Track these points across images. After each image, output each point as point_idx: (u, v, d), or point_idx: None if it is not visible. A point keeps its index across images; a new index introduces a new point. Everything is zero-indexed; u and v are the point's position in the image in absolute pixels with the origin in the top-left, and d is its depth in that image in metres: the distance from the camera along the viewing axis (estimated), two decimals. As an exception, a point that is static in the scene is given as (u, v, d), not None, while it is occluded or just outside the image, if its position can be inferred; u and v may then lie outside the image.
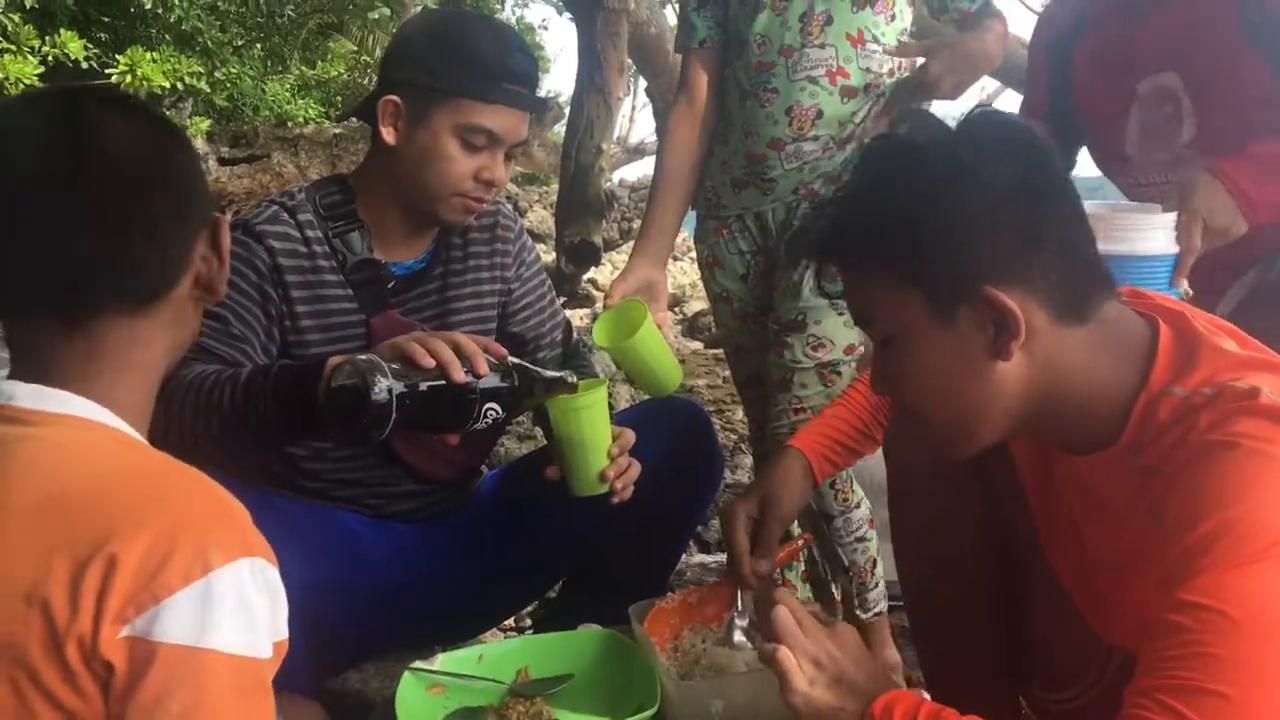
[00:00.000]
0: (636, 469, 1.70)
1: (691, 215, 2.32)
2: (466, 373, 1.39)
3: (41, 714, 0.84)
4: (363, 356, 1.35)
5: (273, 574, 0.92)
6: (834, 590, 2.26)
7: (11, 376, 0.98)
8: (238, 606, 0.87)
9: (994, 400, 1.15)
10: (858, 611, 2.19)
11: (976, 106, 1.22)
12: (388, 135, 1.68)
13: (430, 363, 1.37)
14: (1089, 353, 1.13)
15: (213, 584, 0.85)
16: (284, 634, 0.94)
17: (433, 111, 1.66)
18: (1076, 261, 1.14)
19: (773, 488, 1.59)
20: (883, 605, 2.18)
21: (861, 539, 2.17)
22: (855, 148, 2.06)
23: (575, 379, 1.60)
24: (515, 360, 1.49)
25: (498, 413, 1.46)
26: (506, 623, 2.27)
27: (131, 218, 0.99)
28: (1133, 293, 1.23)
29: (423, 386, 1.35)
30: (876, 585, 2.17)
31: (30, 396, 0.95)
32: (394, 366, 1.34)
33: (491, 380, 1.42)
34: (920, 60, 2.00)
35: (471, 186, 1.70)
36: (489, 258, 1.89)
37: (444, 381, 1.37)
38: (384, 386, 1.30)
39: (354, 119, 1.93)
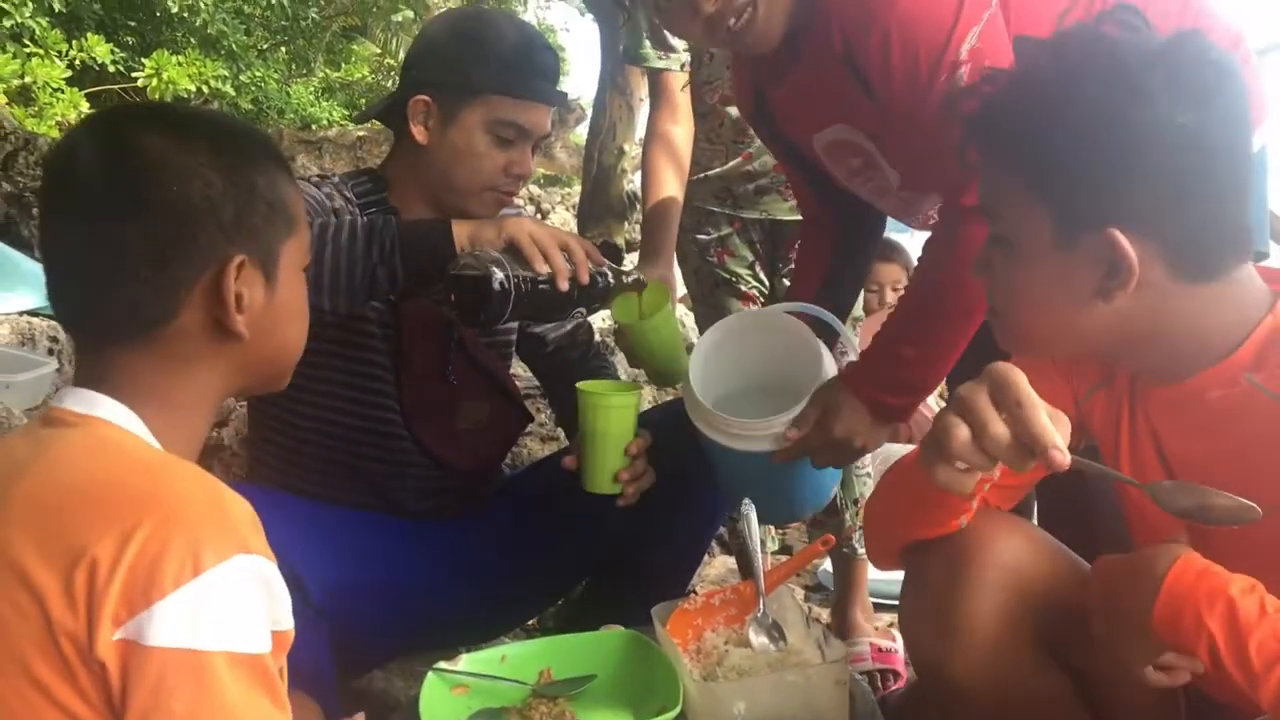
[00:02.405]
0: (650, 478, 1.72)
1: None
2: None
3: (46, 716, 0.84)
4: (482, 250, 1.47)
5: (269, 569, 0.91)
6: (846, 518, 2.36)
7: (74, 381, 1.02)
8: (232, 605, 0.86)
9: (1084, 328, 1.14)
10: (856, 544, 2.32)
11: (1193, 30, 1.12)
12: (419, 134, 1.71)
13: (543, 269, 1.48)
14: (1201, 308, 1.11)
15: (204, 585, 0.84)
16: (286, 625, 0.93)
17: (464, 109, 1.69)
18: (1220, 222, 1.09)
19: None
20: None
21: (870, 475, 2.34)
22: None
23: (644, 279, 1.71)
24: (595, 266, 1.58)
25: (583, 315, 1.54)
26: (529, 623, 2.27)
27: (93, 252, 0.99)
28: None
29: (532, 283, 1.48)
30: None
31: (74, 399, 0.99)
32: (505, 257, 1.46)
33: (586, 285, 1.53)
34: None
35: (503, 180, 1.74)
36: None
37: (549, 284, 1.49)
38: (499, 281, 1.44)
39: (375, 121, 1.97)
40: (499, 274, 1.43)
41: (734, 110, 2.34)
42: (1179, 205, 1.07)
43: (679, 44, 2.29)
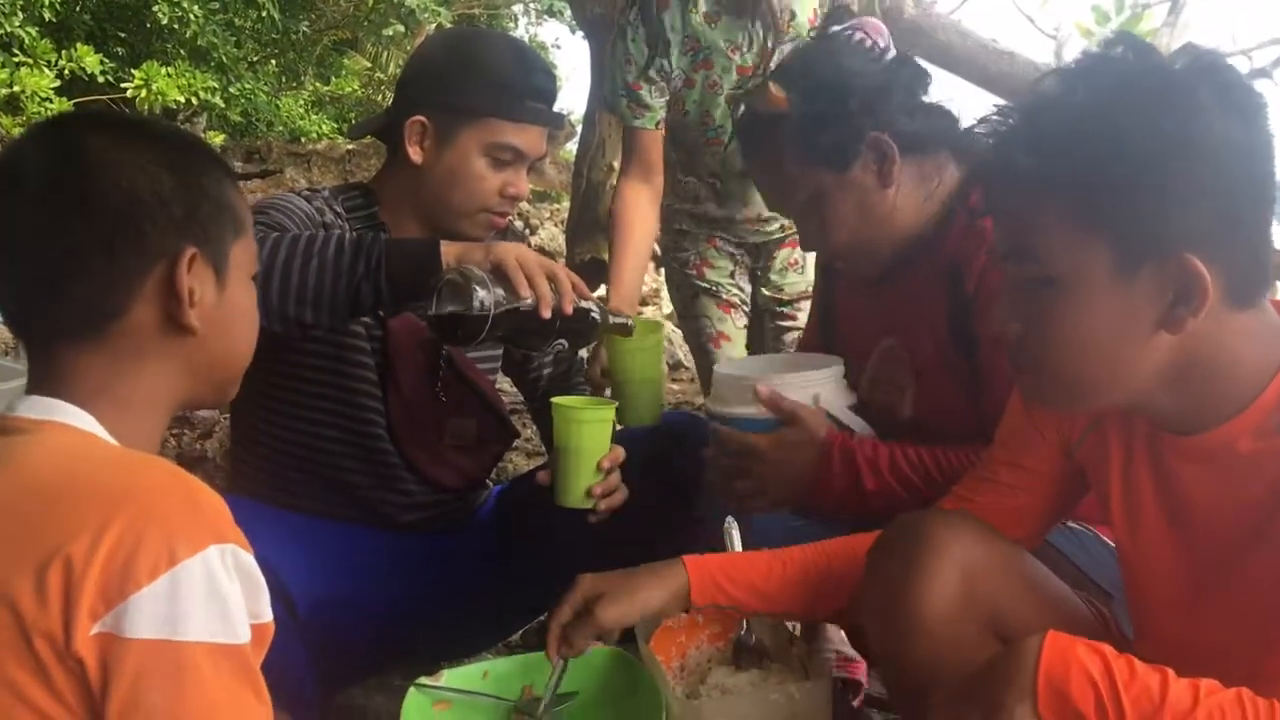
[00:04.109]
0: (623, 495, 1.71)
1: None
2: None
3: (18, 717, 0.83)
4: (466, 268, 1.43)
5: (247, 559, 0.91)
6: None
7: (27, 390, 1.01)
8: (209, 595, 0.86)
9: (1137, 366, 1.07)
10: None
11: (1212, 50, 1.06)
12: (414, 155, 1.70)
13: (528, 294, 1.44)
14: (1241, 338, 1.06)
15: (180, 576, 0.85)
16: (265, 618, 0.93)
17: (460, 131, 1.69)
18: (1263, 244, 1.05)
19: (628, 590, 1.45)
20: None
21: None
22: None
23: (633, 323, 1.69)
24: (584, 303, 1.54)
25: (564, 347, 1.52)
26: (512, 639, 2.27)
27: (43, 248, 0.99)
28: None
29: (514, 306, 1.44)
30: None
31: (28, 406, 0.99)
32: (490, 278, 1.43)
33: (571, 318, 1.50)
34: None
35: (497, 202, 1.73)
36: None
37: (532, 309, 1.45)
38: (479, 300, 1.40)
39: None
40: (480, 292, 1.42)
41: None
42: (1236, 224, 1.03)
43: (654, 102, 2.34)
